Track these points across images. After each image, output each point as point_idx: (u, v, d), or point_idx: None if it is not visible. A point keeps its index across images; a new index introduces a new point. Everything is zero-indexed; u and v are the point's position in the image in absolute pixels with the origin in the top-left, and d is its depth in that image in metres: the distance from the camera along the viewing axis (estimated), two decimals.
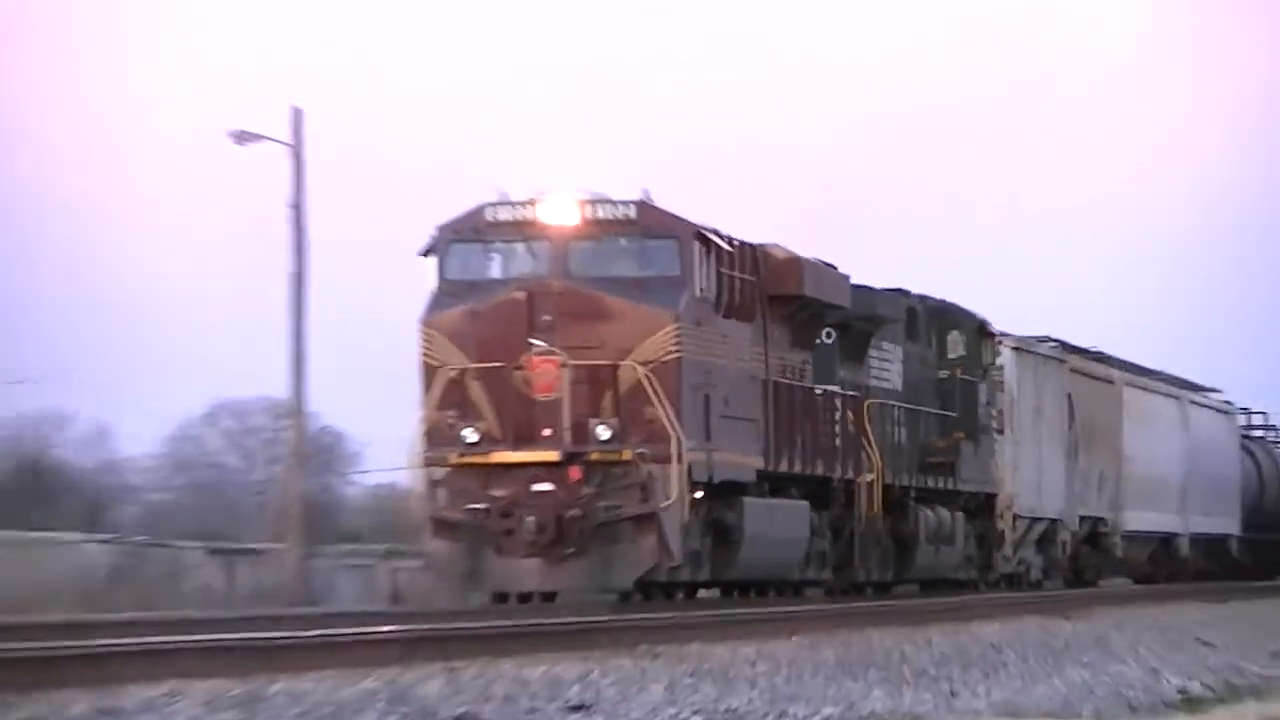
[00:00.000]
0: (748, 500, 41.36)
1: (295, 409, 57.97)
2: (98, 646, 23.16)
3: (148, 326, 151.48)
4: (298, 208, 55.46)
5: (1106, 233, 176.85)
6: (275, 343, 55.98)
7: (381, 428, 56.57)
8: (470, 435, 38.74)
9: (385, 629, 29.78)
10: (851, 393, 46.83)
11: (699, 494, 39.45)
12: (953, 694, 21.11)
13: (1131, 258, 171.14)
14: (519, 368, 38.68)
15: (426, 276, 40.35)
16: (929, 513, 50.77)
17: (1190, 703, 21.33)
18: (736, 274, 41.74)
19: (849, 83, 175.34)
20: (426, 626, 30.64)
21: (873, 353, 48.26)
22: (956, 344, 52.68)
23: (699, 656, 25.47)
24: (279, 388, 57.74)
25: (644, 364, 38.70)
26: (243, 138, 55.36)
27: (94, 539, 61.41)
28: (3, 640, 25.16)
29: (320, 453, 56.41)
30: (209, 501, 71.91)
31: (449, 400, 39.12)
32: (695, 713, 18.17)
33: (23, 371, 74.70)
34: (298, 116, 56.82)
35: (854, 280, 47.33)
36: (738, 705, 18.96)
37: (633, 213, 40.36)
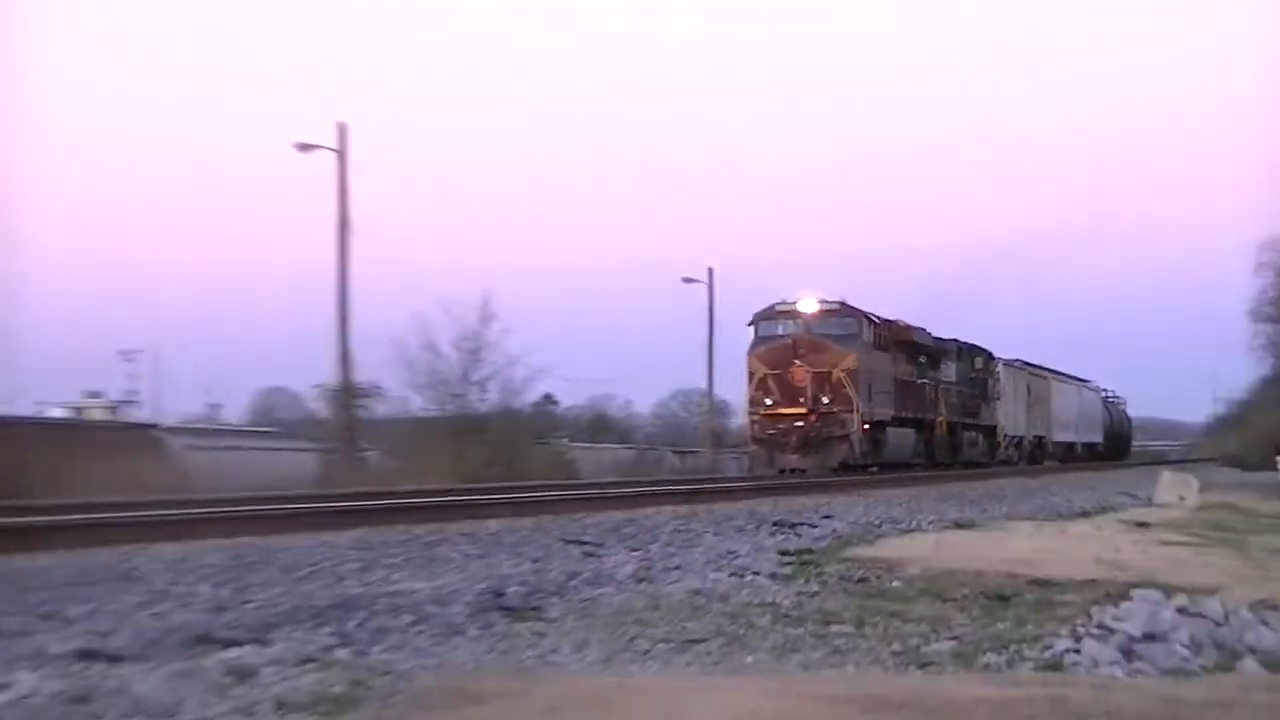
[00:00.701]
0: (889, 428, 41.15)
1: (709, 392, 57.78)
2: (626, 493, 24.84)
3: (654, 360, 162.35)
4: (711, 313, 55.38)
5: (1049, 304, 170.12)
6: (701, 364, 56.87)
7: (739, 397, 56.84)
8: (768, 401, 38.67)
9: (744, 483, 31.17)
10: (933, 383, 46.33)
11: (866, 426, 39.19)
12: (984, 509, 21.84)
13: (1058, 321, 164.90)
14: (789, 372, 38.64)
15: (751, 333, 40.54)
16: (967, 433, 50.09)
17: (1085, 514, 21.43)
18: (882, 332, 41.57)
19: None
20: (762, 482, 31.57)
21: (942, 366, 47.36)
22: (979, 362, 51.92)
23: (877, 495, 26.07)
24: (703, 382, 58.28)
25: (842, 371, 38.58)
26: (687, 280, 55.51)
27: (624, 447, 61.43)
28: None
29: (717, 409, 56.53)
30: (674, 431, 71.91)
31: (759, 387, 39.07)
32: (878, 516, 19.16)
33: (592, 377, 77.93)
34: (711, 274, 56.37)
35: (934, 334, 46.89)
36: (895, 514, 19.72)
37: (836, 306, 40.11)
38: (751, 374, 39.86)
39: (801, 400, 38.61)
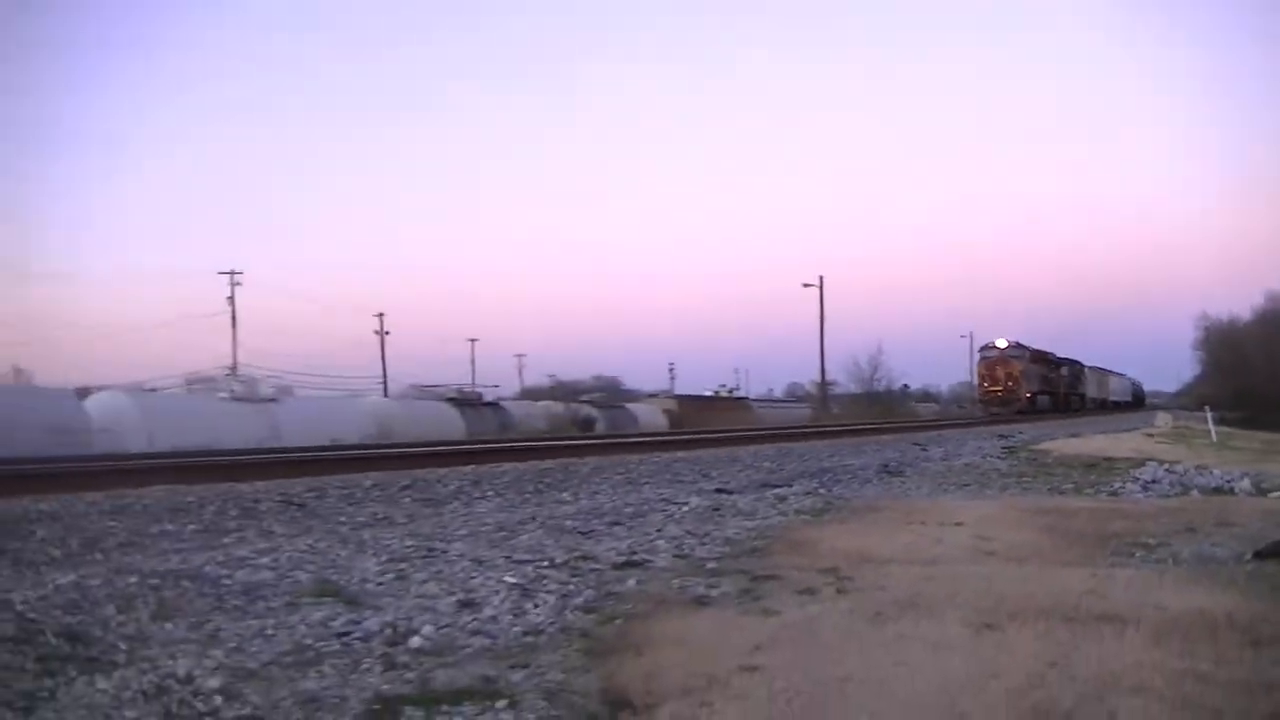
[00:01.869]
0: (1038, 396, 35.00)
1: (971, 381, 48.43)
2: (937, 424, 21.31)
3: (949, 364, 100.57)
4: (970, 350, 49.51)
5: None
6: (968, 368, 49.65)
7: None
8: (985, 384, 34.02)
9: (982, 420, 26.70)
10: (1057, 376, 38.67)
11: (1028, 396, 33.69)
12: (1081, 430, 17.64)
13: (1110, 342, 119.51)
14: (994, 372, 33.80)
15: (978, 355, 35.92)
16: (1072, 398, 40.98)
17: (1125, 431, 17.39)
18: (1035, 355, 35.48)
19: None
20: (989, 419, 27.19)
21: (1060, 369, 39.57)
22: (1077, 368, 42.38)
23: (1037, 424, 22.19)
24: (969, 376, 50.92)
25: (1017, 372, 33.44)
26: (962, 336, 48.17)
27: (935, 405, 49.45)
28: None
29: (973, 389, 45.80)
30: (957, 397, 53.55)
31: (981, 379, 34.66)
32: (1039, 432, 16.37)
33: (926, 376, 61.51)
34: (971, 336, 47.04)
35: (1058, 354, 39.68)
36: (1046, 432, 16.72)
37: (1015, 343, 34.62)
38: (979, 374, 35.48)
39: (999, 383, 33.93)
